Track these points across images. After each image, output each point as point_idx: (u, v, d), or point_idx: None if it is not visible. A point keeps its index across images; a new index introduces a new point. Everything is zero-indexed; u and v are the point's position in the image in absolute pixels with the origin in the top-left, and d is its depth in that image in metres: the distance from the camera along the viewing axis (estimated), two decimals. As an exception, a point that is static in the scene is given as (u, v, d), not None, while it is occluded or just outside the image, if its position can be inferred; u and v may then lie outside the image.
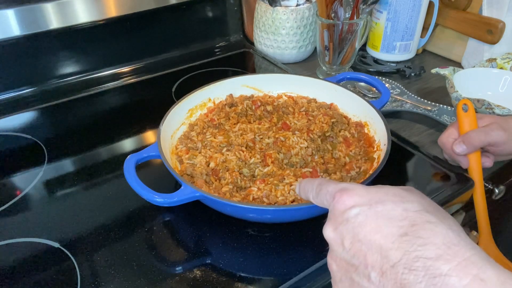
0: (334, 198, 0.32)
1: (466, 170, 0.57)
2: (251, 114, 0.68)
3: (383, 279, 0.27)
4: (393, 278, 0.26)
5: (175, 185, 0.57)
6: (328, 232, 0.32)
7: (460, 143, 0.53)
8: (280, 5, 0.87)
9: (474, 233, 0.63)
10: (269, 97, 0.73)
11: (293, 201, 0.52)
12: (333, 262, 0.32)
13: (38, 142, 0.69)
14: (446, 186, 0.58)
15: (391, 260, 0.27)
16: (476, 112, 0.57)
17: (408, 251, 0.26)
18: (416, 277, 0.25)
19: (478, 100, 0.62)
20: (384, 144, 0.56)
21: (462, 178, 0.59)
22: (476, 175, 0.55)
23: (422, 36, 0.91)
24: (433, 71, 0.73)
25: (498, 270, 0.24)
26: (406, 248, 0.26)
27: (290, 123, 0.65)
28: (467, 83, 0.71)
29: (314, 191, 0.36)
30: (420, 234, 0.27)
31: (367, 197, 0.31)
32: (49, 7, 0.76)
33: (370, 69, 0.89)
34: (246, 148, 0.60)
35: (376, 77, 0.72)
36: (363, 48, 0.96)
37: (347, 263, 0.30)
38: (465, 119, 0.54)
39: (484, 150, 0.56)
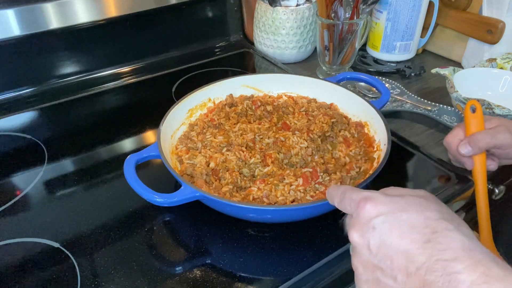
0: (358, 206, 0.35)
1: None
2: (251, 114, 0.68)
3: (409, 280, 0.31)
4: (417, 279, 0.30)
5: (175, 185, 0.57)
6: (355, 237, 0.35)
7: (465, 144, 0.52)
8: (280, 5, 0.87)
9: (475, 233, 0.62)
10: (269, 97, 0.73)
11: (293, 201, 0.52)
12: (359, 264, 0.35)
13: (38, 142, 0.69)
14: (447, 186, 0.58)
15: (416, 264, 0.30)
16: None
17: (431, 255, 0.30)
18: (436, 277, 0.29)
19: (478, 100, 0.62)
20: (384, 144, 0.56)
21: (462, 178, 0.59)
22: (480, 178, 0.54)
23: (422, 36, 0.91)
24: (433, 71, 0.73)
25: (502, 268, 0.28)
26: (429, 252, 0.30)
27: (290, 123, 0.65)
28: (467, 83, 0.71)
29: (339, 197, 0.39)
30: (440, 240, 0.31)
31: (390, 205, 0.34)
32: (49, 7, 0.76)
33: (370, 69, 0.89)
34: (246, 148, 0.60)
35: (376, 77, 0.72)
36: (363, 48, 0.96)
37: (374, 265, 0.33)
38: (473, 120, 0.53)
39: (489, 153, 0.55)
